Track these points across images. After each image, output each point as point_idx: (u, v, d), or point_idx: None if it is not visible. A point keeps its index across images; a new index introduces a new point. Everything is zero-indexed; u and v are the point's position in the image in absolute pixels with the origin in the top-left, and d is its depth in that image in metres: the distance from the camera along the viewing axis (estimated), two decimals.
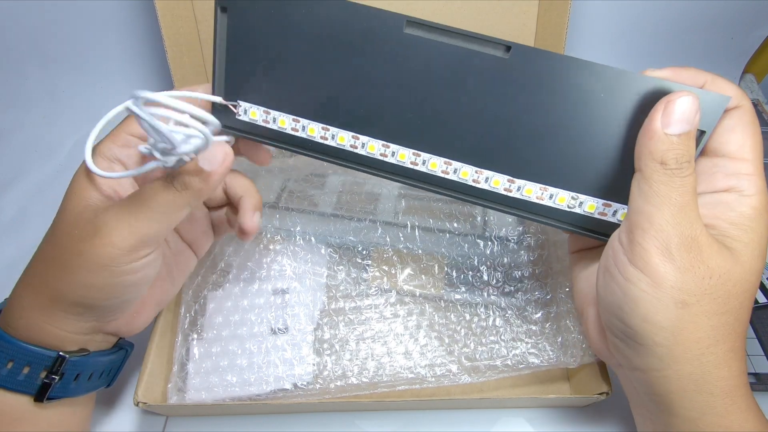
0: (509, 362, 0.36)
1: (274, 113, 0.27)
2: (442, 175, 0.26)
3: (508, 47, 0.23)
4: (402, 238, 0.41)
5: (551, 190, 0.26)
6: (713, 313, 0.22)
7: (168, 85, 0.53)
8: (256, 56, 0.26)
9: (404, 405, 0.37)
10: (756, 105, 0.56)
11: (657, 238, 0.22)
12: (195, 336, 0.37)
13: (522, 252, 0.41)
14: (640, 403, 0.27)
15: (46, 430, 0.28)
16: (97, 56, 0.55)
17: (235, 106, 0.28)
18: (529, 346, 0.37)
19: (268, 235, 0.41)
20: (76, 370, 0.28)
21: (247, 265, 0.40)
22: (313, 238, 0.41)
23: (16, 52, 0.54)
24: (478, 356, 0.37)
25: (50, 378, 0.27)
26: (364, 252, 0.41)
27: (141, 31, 0.53)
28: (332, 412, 0.37)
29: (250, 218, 0.31)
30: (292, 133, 0.27)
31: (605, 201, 0.25)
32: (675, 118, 0.21)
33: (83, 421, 0.31)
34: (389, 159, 0.27)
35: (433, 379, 0.36)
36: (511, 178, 0.26)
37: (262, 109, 0.27)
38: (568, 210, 0.26)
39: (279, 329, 0.38)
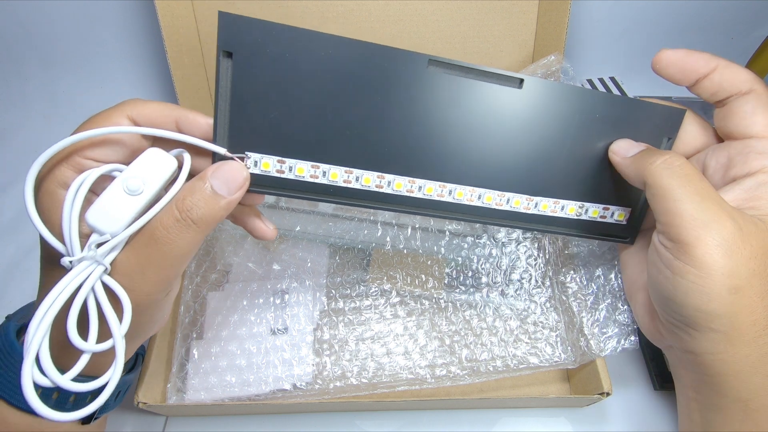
0: (509, 362, 0.36)
1: (289, 161, 0.25)
2: (468, 202, 0.27)
3: (521, 80, 0.25)
4: (402, 239, 0.41)
5: (562, 202, 0.28)
6: (766, 293, 0.22)
7: (168, 84, 0.53)
8: (265, 103, 0.24)
9: (404, 405, 0.37)
10: None
11: (695, 229, 0.22)
12: (194, 336, 0.37)
13: (521, 253, 0.41)
14: (687, 384, 0.27)
15: None
16: (97, 56, 0.55)
17: (243, 159, 0.24)
18: (529, 346, 0.37)
19: None
20: (119, 389, 0.29)
21: (246, 265, 0.40)
22: (313, 238, 0.41)
23: (16, 52, 0.54)
24: (478, 356, 0.37)
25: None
26: (364, 252, 0.41)
27: (141, 31, 0.53)
28: (332, 413, 0.37)
29: (265, 227, 0.28)
30: (312, 180, 0.25)
31: (604, 206, 0.29)
32: (625, 149, 0.26)
33: (103, 427, 0.32)
34: (416, 194, 0.27)
35: (433, 380, 0.36)
36: (530, 197, 0.28)
37: (276, 158, 0.25)
38: (577, 218, 0.29)
39: (278, 329, 0.38)
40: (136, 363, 0.32)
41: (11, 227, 0.48)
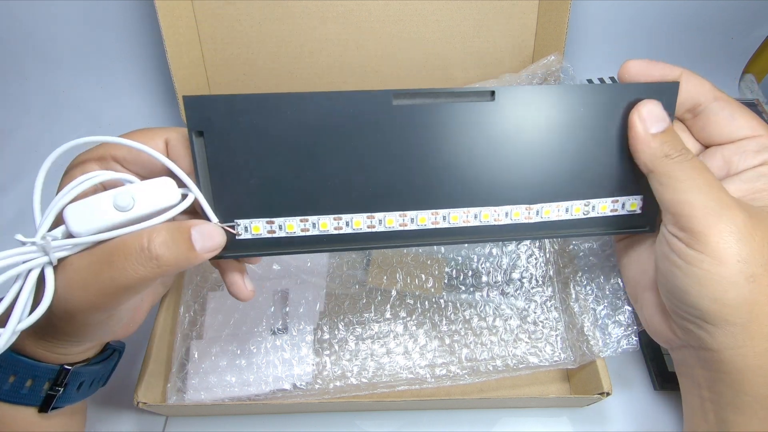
0: (509, 362, 0.36)
1: (278, 220, 0.25)
2: (465, 224, 0.27)
3: (492, 92, 0.25)
4: None
5: (565, 204, 0.27)
6: None
7: (168, 84, 0.54)
8: (244, 170, 0.24)
9: (404, 405, 0.37)
10: (756, 105, 0.55)
11: (707, 217, 0.22)
12: (194, 336, 0.37)
13: (521, 252, 0.41)
14: (700, 383, 0.26)
15: None
16: (97, 56, 0.55)
17: (233, 227, 0.25)
18: (529, 346, 0.37)
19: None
20: (79, 380, 0.28)
21: (246, 264, 0.40)
22: None
23: (16, 52, 0.54)
24: (478, 356, 0.37)
25: (55, 390, 0.27)
26: (364, 252, 0.41)
27: (141, 31, 0.53)
28: (332, 413, 0.37)
29: (243, 286, 0.27)
30: (304, 234, 0.26)
31: (612, 198, 0.27)
32: (652, 120, 0.24)
33: (81, 423, 0.31)
34: (410, 227, 0.27)
35: (433, 380, 0.36)
36: (528, 205, 0.27)
37: (265, 220, 0.25)
38: (585, 217, 0.28)
39: (278, 329, 0.38)
40: (111, 356, 0.31)
41: (11, 227, 0.48)
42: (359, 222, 0.26)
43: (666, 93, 0.26)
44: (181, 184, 0.24)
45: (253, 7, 0.45)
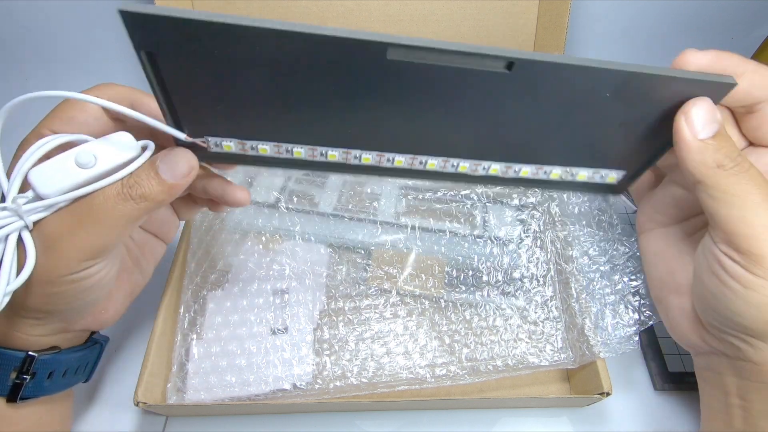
0: (509, 362, 0.36)
1: (250, 143, 0.24)
2: (441, 169, 0.27)
3: (510, 63, 0.20)
4: (402, 238, 0.41)
5: (545, 168, 0.26)
6: None
7: None
8: (208, 98, 0.22)
9: (404, 405, 0.37)
10: None
11: (757, 242, 0.21)
12: (194, 336, 0.37)
13: (522, 252, 0.41)
14: (730, 390, 0.26)
15: (24, 429, 0.27)
16: (97, 56, 0.55)
17: (204, 143, 0.24)
18: (529, 346, 0.37)
19: (268, 235, 0.41)
20: (48, 368, 0.27)
21: (246, 264, 0.40)
22: (313, 238, 0.41)
23: (16, 52, 0.54)
24: (478, 356, 0.37)
25: (21, 378, 0.26)
26: (364, 252, 0.41)
27: None
28: (332, 413, 0.37)
29: (237, 192, 0.28)
30: (277, 155, 0.25)
31: (596, 170, 0.26)
32: (701, 124, 0.21)
33: (62, 418, 0.30)
34: (386, 164, 0.26)
35: (433, 380, 0.36)
36: (508, 164, 0.26)
37: (236, 140, 0.24)
38: (560, 180, 0.27)
39: (278, 329, 0.38)
40: (89, 347, 0.30)
41: None
42: (334, 156, 0.25)
43: (715, 92, 0.22)
44: (140, 137, 0.24)
45: (253, 7, 0.45)
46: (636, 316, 0.36)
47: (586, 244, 0.39)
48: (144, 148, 0.24)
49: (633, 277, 0.38)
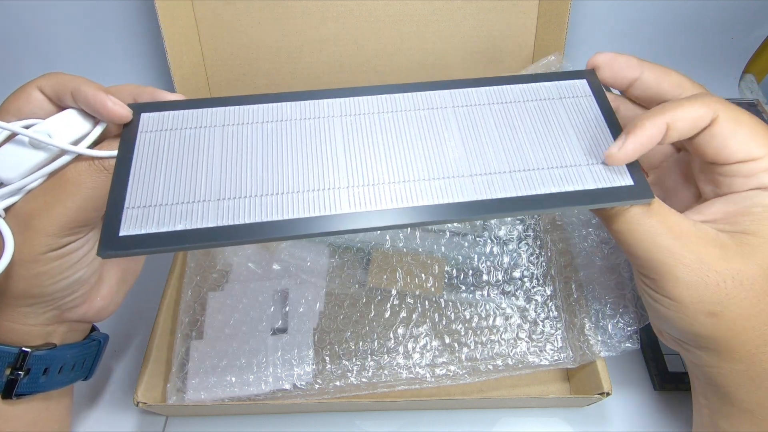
0: (509, 362, 0.36)
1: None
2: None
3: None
4: (402, 238, 0.41)
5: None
6: (749, 315, 0.22)
7: (168, 85, 0.53)
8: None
9: (404, 405, 0.37)
10: (756, 105, 0.55)
11: (662, 266, 0.23)
12: (194, 336, 0.37)
13: (522, 251, 0.41)
14: (698, 391, 0.28)
15: (20, 428, 0.27)
16: (97, 56, 0.55)
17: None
18: (529, 345, 0.37)
19: None
20: (43, 365, 0.27)
21: (246, 265, 0.40)
22: (313, 238, 0.41)
23: (16, 52, 0.54)
24: (478, 356, 0.37)
25: (16, 374, 0.26)
26: (364, 252, 0.41)
27: (141, 31, 0.53)
28: (332, 413, 0.37)
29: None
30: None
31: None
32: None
33: (61, 415, 0.30)
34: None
35: (433, 379, 0.36)
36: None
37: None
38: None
39: (278, 329, 0.38)
40: (87, 344, 0.30)
41: None
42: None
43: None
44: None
45: (253, 7, 0.45)
46: (636, 315, 0.36)
47: (586, 244, 0.39)
48: (95, 121, 0.24)
49: (633, 277, 0.38)
